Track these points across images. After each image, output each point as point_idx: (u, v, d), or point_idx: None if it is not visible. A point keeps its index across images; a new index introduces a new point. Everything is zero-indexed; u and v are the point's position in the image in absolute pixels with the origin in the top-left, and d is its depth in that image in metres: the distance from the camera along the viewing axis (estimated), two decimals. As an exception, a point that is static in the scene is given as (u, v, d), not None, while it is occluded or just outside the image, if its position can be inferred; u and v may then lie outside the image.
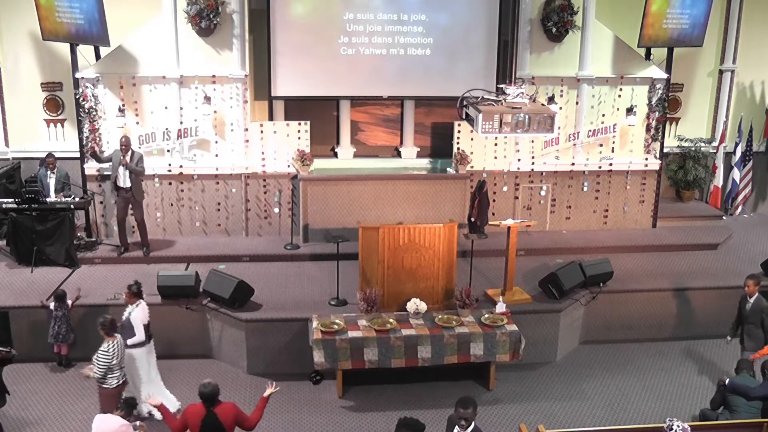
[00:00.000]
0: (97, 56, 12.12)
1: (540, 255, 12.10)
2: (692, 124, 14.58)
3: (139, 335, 8.50)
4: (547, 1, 12.18)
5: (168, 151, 12.03)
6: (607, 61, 12.61)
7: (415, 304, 9.54)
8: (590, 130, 12.78)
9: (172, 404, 8.60)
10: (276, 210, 12.34)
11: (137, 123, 11.90)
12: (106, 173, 11.83)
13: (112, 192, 11.53)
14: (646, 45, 12.63)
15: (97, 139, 11.79)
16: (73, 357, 9.84)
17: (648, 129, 12.98)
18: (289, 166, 12.30)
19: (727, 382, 8.18)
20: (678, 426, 6.63)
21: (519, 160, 12.75)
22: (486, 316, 9.57)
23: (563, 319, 10.33)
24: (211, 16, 11.46)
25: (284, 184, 12.35)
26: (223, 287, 9.93)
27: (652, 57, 13.02)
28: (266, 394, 6.98)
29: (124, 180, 11.17)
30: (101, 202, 12.06)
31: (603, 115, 12.80)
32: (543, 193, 12.85)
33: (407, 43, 12.50)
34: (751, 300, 9.11)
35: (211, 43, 11.80)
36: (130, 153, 11.14)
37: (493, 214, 12.21)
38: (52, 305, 9.62)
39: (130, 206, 11.45)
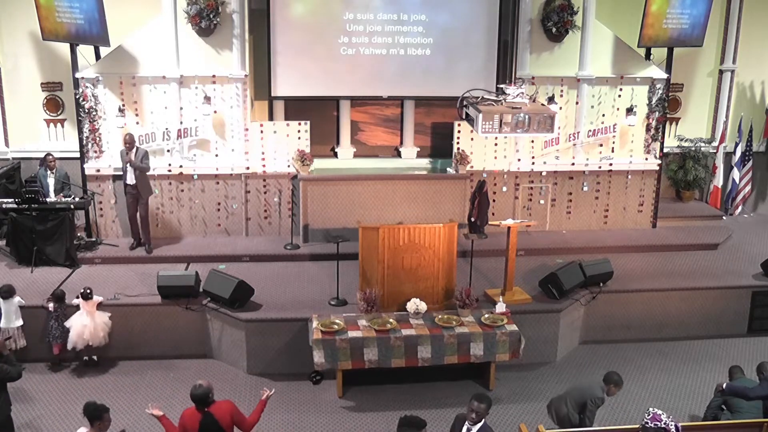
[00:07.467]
0: (97, 56, 12.12)
1: (540, 255, 12.10)
2: (692, 124, 14.58)
3: None
4: (547, 1, 12.17)
5: (168, 151, 12.02)
6: (607, 61, 12.60)
7: (415, 304, 9.53)
8: (590, 130, 12.78)
9: None
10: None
11: (137, 123, 11.89)
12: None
13: (125, 191, 11.48)
14: (646, 45, 12.62)
15: (97, 139, 11.79)
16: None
17: (648, 129, 12.97)
18: (289, 166, 12.30)
19: (725, 386, 8.18)
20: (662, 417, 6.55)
21: (519, 160, 12.75)
22: (486, 316, 9.57)
23: (563, 319, 10.33)
24: (211, 16, 11.46)
25: (284, 184, 12.35)
26: (223, 287, 9.93)
27: (652, 57, 13.01)
28: (264, 397, 6.86)
29: (130, 177, 11.24)
30: (100, 202, 12.05)
31: (603, 115, 12.80)
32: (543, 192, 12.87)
33: (407, 43, 12.50)
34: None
35: (211, 43, 11.80)
36: (134, 150, 11.20)
37: (493, 214, 12.21)
38: (50, 306, 9.64)
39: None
